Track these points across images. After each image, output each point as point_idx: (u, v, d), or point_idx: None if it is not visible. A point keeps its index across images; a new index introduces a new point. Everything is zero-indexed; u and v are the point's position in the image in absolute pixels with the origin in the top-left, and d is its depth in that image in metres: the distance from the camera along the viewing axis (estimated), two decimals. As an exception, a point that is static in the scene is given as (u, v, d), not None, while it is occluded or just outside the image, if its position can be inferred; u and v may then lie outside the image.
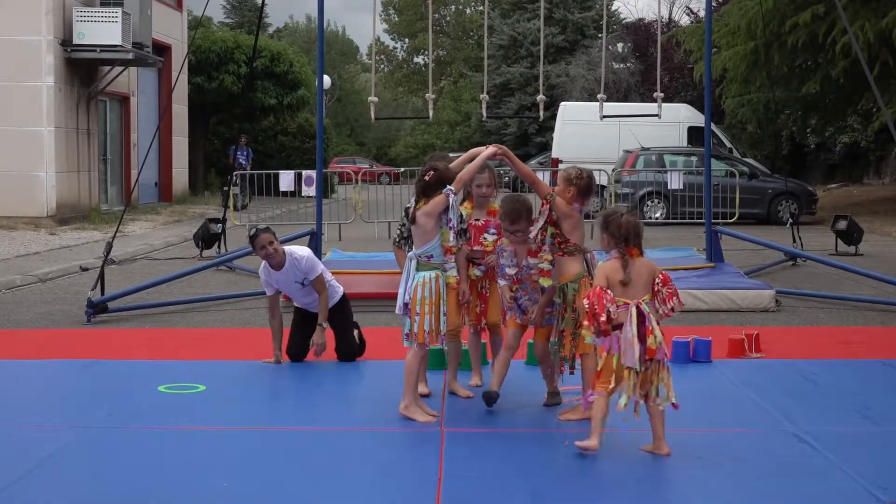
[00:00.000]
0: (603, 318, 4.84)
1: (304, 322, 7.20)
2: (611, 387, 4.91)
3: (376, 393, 6.18)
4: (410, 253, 5.66)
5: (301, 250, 7.16)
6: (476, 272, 6.06)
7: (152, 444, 5.15)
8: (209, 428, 5.45)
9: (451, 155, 6.42)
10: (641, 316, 4.92)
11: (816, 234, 17.97)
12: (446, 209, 5.45)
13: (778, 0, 21.42)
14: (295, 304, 7.29)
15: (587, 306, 4.87)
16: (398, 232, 6.26)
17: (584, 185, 5.58)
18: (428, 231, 5.52)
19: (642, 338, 4.90)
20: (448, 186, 5.44)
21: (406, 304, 5.59)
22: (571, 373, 5.63)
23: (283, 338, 7.18)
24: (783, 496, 4.35)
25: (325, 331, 7.07)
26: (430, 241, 5.54)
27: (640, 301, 4.94)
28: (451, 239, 5.51)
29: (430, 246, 5.54)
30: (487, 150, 5.69)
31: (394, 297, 5.72)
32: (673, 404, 4.97)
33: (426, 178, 5.50)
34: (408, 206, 5.86)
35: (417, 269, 5.57)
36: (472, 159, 5.68)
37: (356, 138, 67.40)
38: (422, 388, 6.06)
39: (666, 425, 5.00)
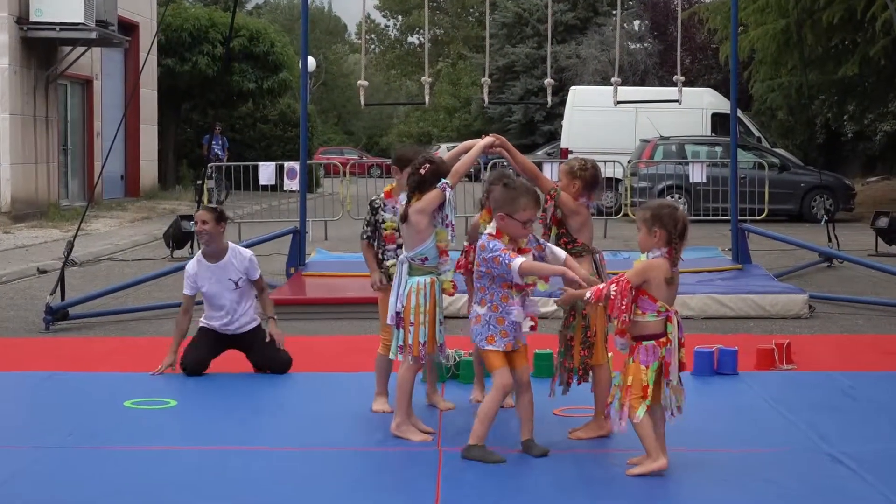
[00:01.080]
0: (624, 318, 4.86)
1: (211, 340, 7.24)
2: (648, 399, 4.93)
3: (366, 408, 6.18)
4: (402, 256, 5.64)
5: (246, 249, 7.39)
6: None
7: (118, 466, 5.14)
8: (182, 447, 5.46)
9: (445, 146, 6.44)
10: (679, 325, 5.00)
11: (854, 232, 18.00)
12: (441, 206, 5.44)
13: (812, -27, 21.48)
14: (206, 322, 7.29)
15: (613, 293, 4.87)
16: (363, 229, 6.26)
17: (589, 177, 5.58)
18: (421, 231, 5.51)
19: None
20: (444, 180, 5.43)
21: (398, 314, 5.58)
22: (578, 383, 5.64)
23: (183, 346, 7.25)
24: (817, 523, 4.36)
25: (276, 323, 7.22)
26: (423, 242, 5.53)
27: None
28: (448, 237, 5.51)
29: (424, 247, 5.52)
30: (483, 141, 5.69)
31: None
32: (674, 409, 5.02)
33: (421, 171, 5.48)
34: (373, 199, 5.92)
35: (410, 274, 5.56)
36: (466, 151, 5.69)
37: (344, 126, 67.42)
38: (442, 403, 6.09)
39: (688, 444, 5.01)
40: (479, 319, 5.22)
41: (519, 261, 5.08)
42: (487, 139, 5.72)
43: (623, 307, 4.90)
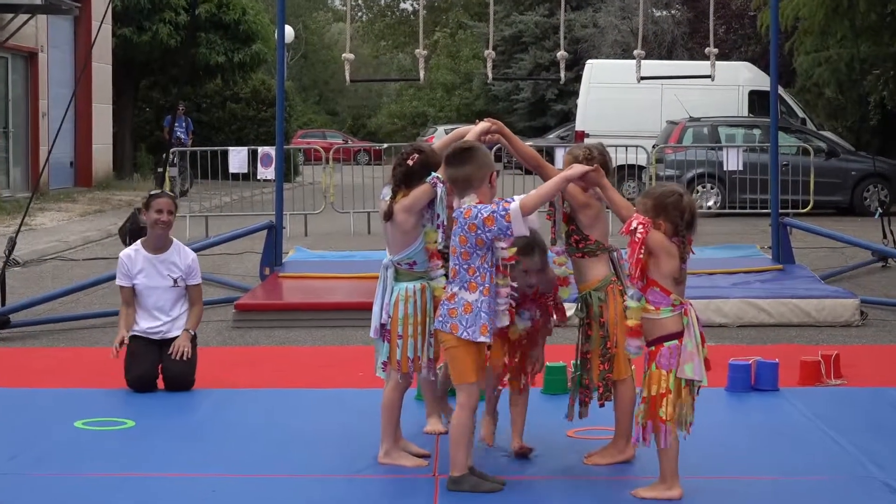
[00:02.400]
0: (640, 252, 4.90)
1: (150, 350, 7.26)
2: (677, 415, 4.95)
3: (354, 429, 6.20)
4: (385, 259, 5.62)
5: (190, 250, 7.52)
6: (520, 325, 5.58)
7: (68, 494, 5.15)
8: (140, 474, 5.46)
9: (444, 129, 6.40)
10: (697, 319, 5.03)
11: (913, 227, 17.99)
12: (431, 202, 5.41)
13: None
14: (134, 330, 7.30)
15: (640, 235, 4.91)
16: None
17: (599, 165, 5.58)
18: (408, 231, 5.49)
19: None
20: (434, 174, 5.39)
21: (383, 325, 5.56)
22: (600, 403, 5.65)
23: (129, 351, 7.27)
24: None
25: (189, 338, 7.24)
26: (411, 244, 5.51)
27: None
28: (439, 239, 5.46)
29: (411, 250, 5.53)
30: (478, 127, 5.68)
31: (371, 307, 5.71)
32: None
33: (409, 162, 5.46)
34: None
35: (397, 280, 5.55)
36: (460, 140, 5.66)
37: (326, 106, 67.40)
38: (437, 426, 6.06)
39: (718, 471, 5.02)
40: (468, 308, 5.13)
41: (516, 201, 5.05)
42: (482, 124, 5.69)
43: (640, 256, 4.91)
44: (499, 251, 5.15)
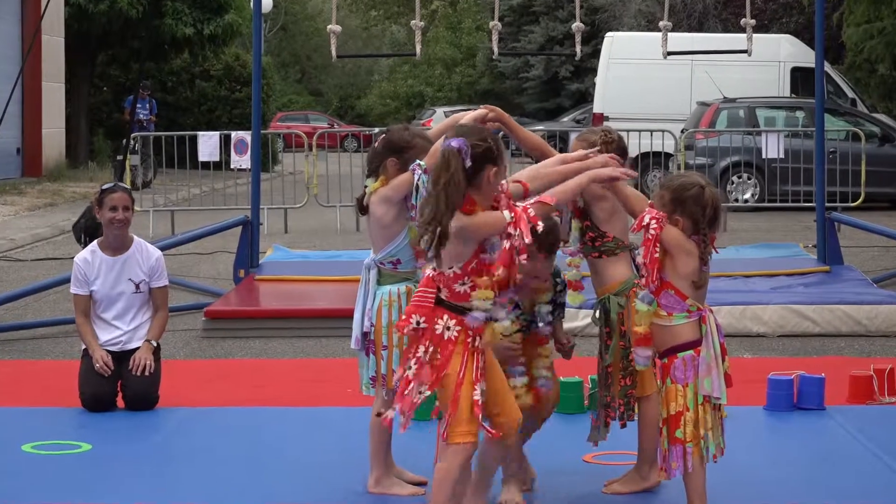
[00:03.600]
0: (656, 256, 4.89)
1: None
2: (701, 436, 4.95)
3: (341, 453, 6.19)
4: (367, 259, 5.63)
5: (154, 248, 7.50)
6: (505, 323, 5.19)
7: (14, 527, 5.17)
8: (97, 503, 5.45)
9: (443, 111, 6.37)
10: (718, 328, 5.04)
11: (978, 223, 18.01)
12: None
13: None
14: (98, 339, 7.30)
15: (653, 232, 4.90)
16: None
17: (616, 151, 5.56)
18: (388, 225, 5.48)
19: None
20: (418, 161, 5.36)
21: (366, 335, 5.55)
22: (622, 423, 5.64)
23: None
24: None
25: (151, 350, 7.20)
26: (393, 240, 5.52)
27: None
28: None
29: (393, 247, 5.54)
30: (474, 113, 5.64)
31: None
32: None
33: (375, 144, 5.53)
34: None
35: (380, 283, 5.56)
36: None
37: (309, 85, 67.37)
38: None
39: (755, 501, 5.01)
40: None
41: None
42: (479, 111, 5.66)
43: (654, 254, 4.92)
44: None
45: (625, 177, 5.09)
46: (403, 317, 4.89)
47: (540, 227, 4.70)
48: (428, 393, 4.73)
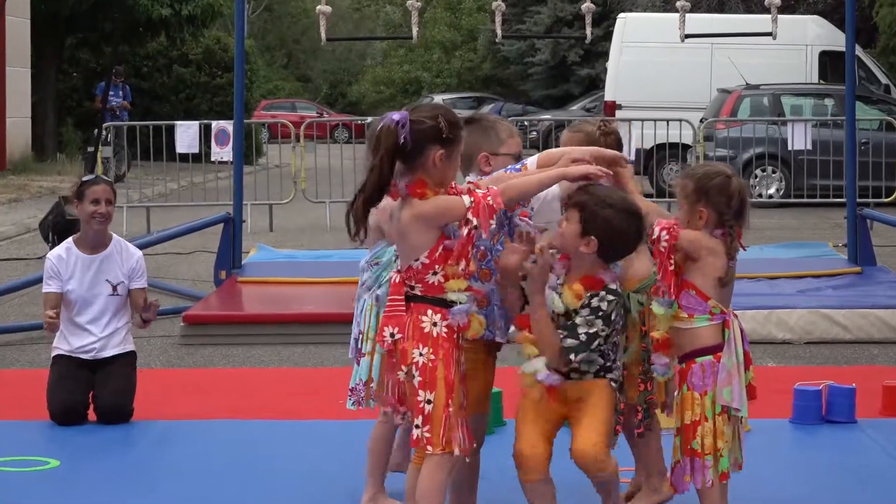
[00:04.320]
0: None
1: (80, 374, 7.23)
2: (721, 452, 4.94)
3: (331, 469, 6.18)
4: (362, 261, 5.65)
5: (134, 247, 7.53)
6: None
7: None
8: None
9: (441, 98, 6.33)
10: (742, 333, 5.01)
11: None
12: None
13: None
14: (62, 349, 7.27)
15: (664, 245, 4.90)
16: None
17: (614, 143, 5.56)
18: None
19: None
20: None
21: (356, 341, 5.60)
22: (639, 432, 5.59)
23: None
24: None
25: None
26: (379, 240, 5.53)
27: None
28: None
29: (379, 246, 5.55)
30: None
31: (351, 319, 5.72)
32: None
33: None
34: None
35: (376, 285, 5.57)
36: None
37: (296, 71, 67.38)
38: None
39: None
40: (485, 302, 5.01)
41: (533, 160, 5.03)
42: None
43: (669, 265, 4.92)
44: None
45: (600, 175, 4.98)
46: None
47: (502, 207, 4.69)
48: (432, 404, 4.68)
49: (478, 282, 4.94)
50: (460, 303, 4.70)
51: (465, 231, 4.65)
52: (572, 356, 4.84)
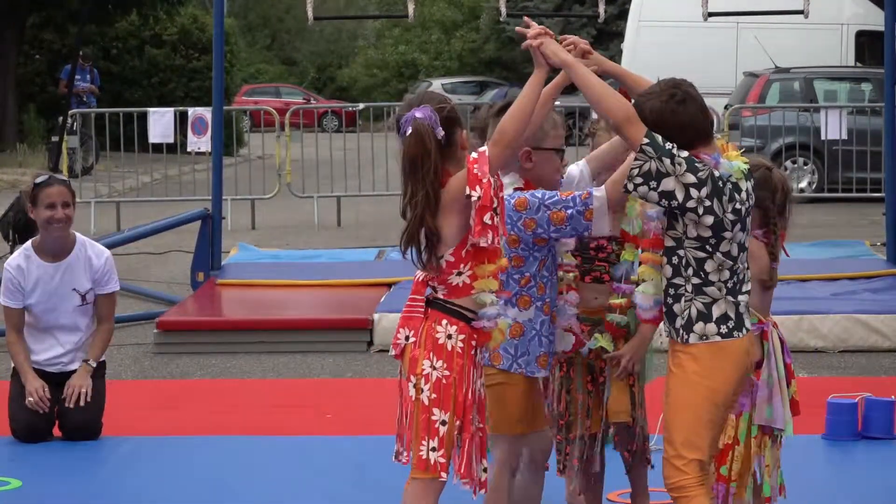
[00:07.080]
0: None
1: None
2: (751, 472, 4.95)
3: (321, 490, 6.19)
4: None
5: (102, 247, 7.45)
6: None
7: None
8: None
9: (439, 82, 6.34)
10: (782, 344, 5.03)
11: None
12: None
13: None
14: (33, 358, 7.26)
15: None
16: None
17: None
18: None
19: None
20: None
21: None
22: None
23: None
24: None
25: (89, 373, 7.15)
26: None
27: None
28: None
29: None
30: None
31: (347, 325, 5.74)
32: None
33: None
34: None
35: None
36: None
37: (281, 53, 67.39)
38: None
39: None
40: (518, 331, 5.04)
41: (601, 191, 4.98)
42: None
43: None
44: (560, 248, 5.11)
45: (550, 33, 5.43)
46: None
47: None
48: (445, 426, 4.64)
49: (514, 307, 5.00)
50: (490, 304, 4.68)
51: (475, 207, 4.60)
52: None
